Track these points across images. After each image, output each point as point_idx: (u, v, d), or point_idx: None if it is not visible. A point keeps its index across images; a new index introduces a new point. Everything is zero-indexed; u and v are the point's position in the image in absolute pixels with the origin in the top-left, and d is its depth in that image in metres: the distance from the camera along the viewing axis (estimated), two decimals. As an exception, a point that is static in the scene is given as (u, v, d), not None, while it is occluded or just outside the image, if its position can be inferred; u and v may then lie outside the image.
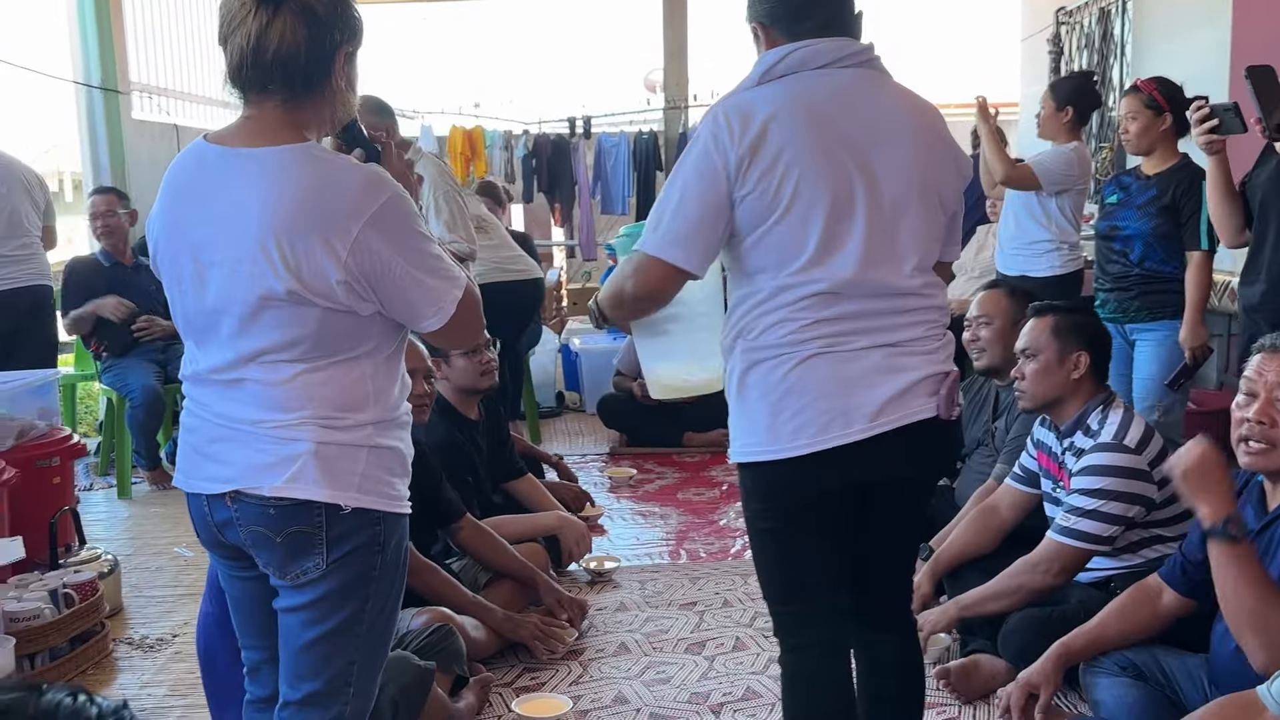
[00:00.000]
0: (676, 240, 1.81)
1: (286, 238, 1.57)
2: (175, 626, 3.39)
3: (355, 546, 1.67)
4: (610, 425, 5.70)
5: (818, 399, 1.82)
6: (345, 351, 1.65)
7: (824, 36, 1.87)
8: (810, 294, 1.82)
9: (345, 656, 1.71)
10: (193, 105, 8.02)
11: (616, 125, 9.61)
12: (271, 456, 1.64)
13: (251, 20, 1.59)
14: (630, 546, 4.08)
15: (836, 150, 1.82)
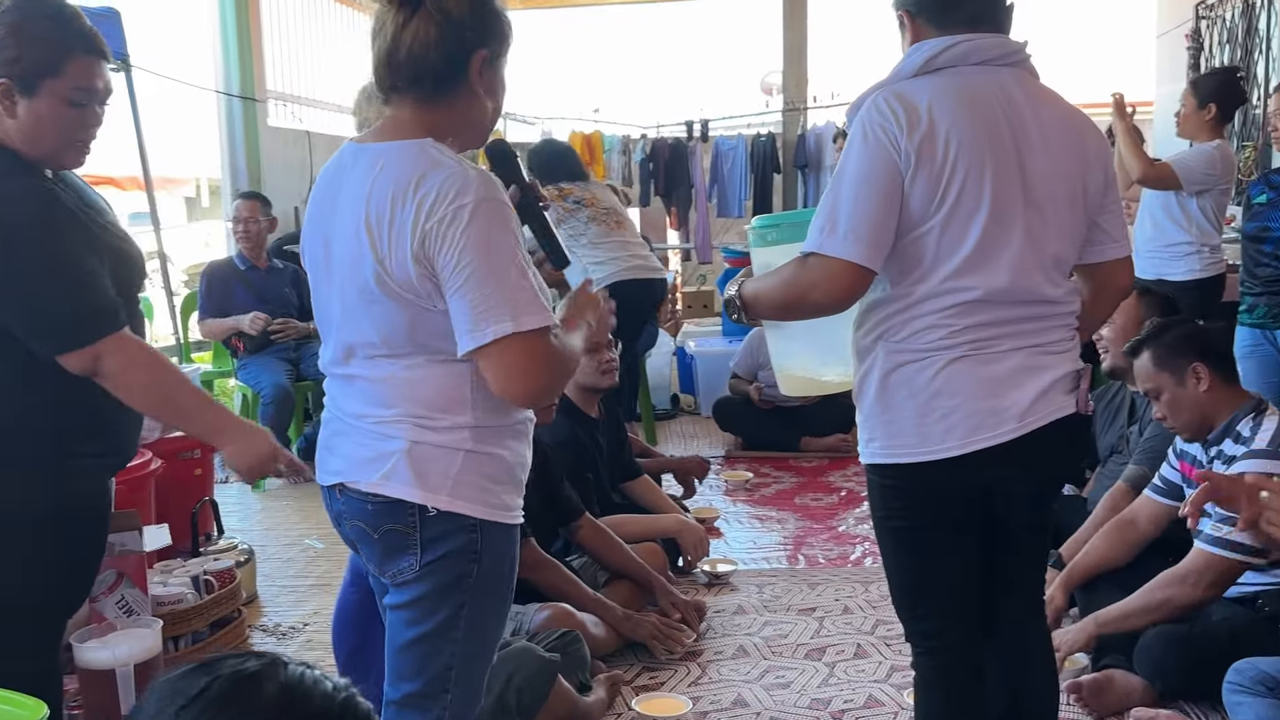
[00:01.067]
0: (862, 239, 1.74)
1: (377, 225, 1.56)
2: (306, 615, 3.51)
3: (449, 551, 1.64)
4: (726, 428, 5.69)
5: (967, 400, 1.80)
6: (441, 351, 1.60)
7: (974, 30, 1.83)
8: (962, 302, 1.80)
9: (442, 660, 1.69)
10: (323, 112, 8.29)
11: (734, 128, 9.60)
12: (370, 451, 1.65)
13: (390, 22, 1.61)
14: (747, 550, 4.06)
15: (1000, 152, 1.79)
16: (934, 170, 1.76)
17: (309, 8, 8.18)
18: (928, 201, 1.77)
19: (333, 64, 8.61)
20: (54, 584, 2.09)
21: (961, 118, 1.77)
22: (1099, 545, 2.98)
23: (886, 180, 1.75)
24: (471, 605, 1.68)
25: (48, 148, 1.98)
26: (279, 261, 5.58)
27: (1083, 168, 1.86)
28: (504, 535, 1.70)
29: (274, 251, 5.74)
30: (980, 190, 1.77)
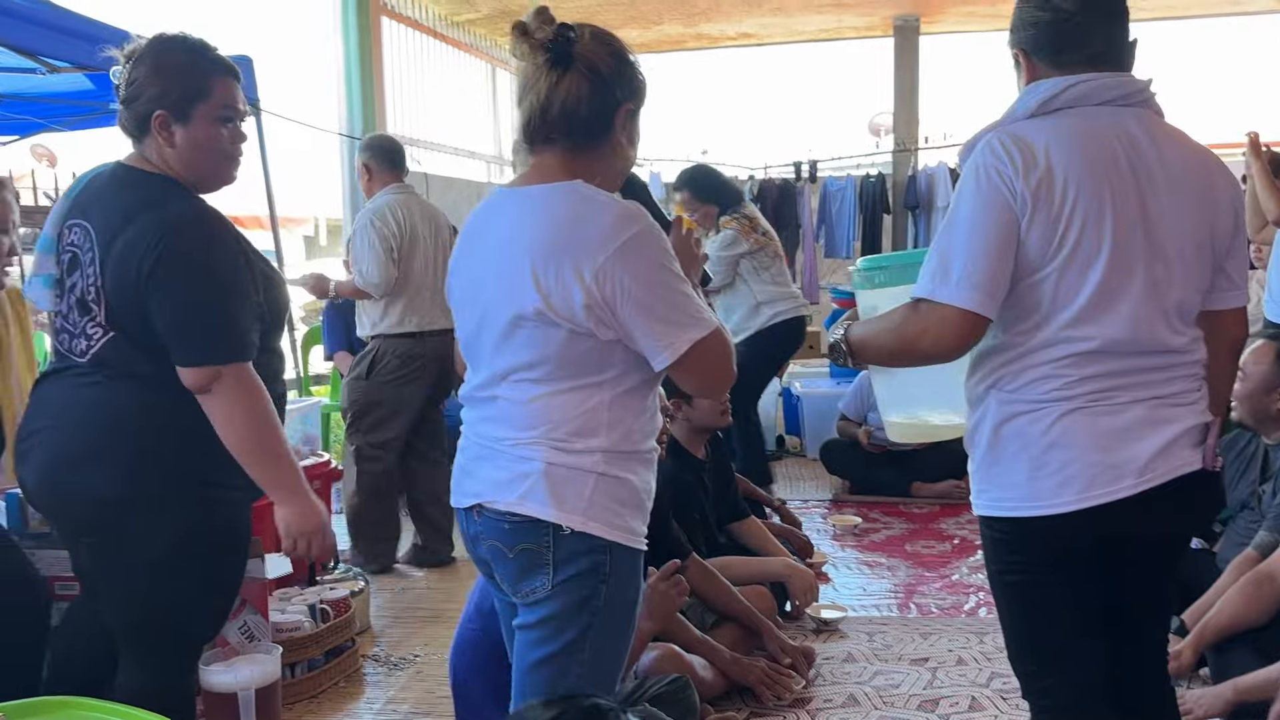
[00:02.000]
0: (976, 285, 1.70)
1: (541, 261, 1.66)
2: (417, 647, 3.57)
3: (580, 571, 1.70)
4: (833, 471, 5.62)
5: (1083, 454, 1.73)
6: (586, 376, 1.70)
7: (1093, 69, 1.78)
8: (1079, 352, 1.74)
9: (568, 681, 1.73)
10: (440, 155, 8.52)
11: (842, 169, 9.56)
12: (508, 473, 1.72)
13: (543, 80, 1.73)
14: (857, 597, 3.99)
15: (1121, 196, 1.72)
16: (1051, 214, 1.70)
17: (428, 53, 8.45)
18: (1045, 247, 1.71)
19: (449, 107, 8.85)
20: (201, 608, 2.19)
21: (1080, 160, 1.71)
22: (1233, 601, 2.82)
23: (1002, 225, 1.70)
24: (598, 627, 1.73)
25: (207, 168, 2.13)
26: (395, 298, 5.72)
27: (1211, 212, 1.79)
28: (631, 559, 1.75)
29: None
30: (1100, 235, 1.71)
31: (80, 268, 2.07)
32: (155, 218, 2.02)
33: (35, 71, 4.42)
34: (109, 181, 2.12)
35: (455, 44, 8.87)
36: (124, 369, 2.05)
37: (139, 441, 2.04)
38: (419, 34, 8.24)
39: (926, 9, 9.10)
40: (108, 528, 2.07)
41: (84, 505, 2.06)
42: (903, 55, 9.37)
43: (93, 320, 2.06)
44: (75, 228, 2.09)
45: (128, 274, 2.00)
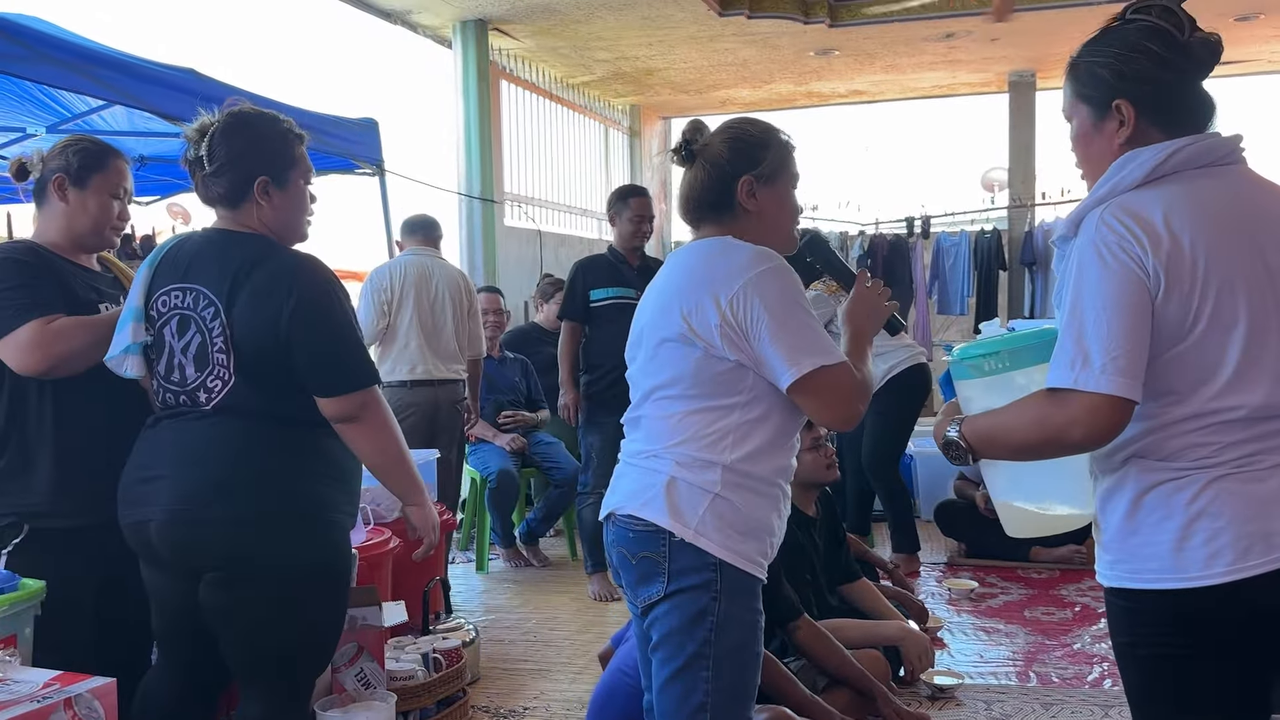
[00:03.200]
0: (1122, 370, 1.59)
1: (685, 290, 1.93)
2: (527, 700, 3.58)
3: (691, 585, 1.85)
4: (948, 534, 5.48)
5: (1234, 523, 1.61)
6: (718, 397, 1.89)
7: (1197, 131, 1.71)
8: (1225, 420, 1.63)
9: (696, 699, 1.85)
10: (554, 212, 8.70)
11: (955, 225, 9.44)
12: (638, 483, 1.93)
13: (686, 172, 2.09)
14: (973, 664, 3.87)
15: (1246, 259, 1.65)
16: (1185, 289, 1.62)
17: (543, 115, 8.68)
18: (1181, 322, 1.63)
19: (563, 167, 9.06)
20: (322, 634, 2.29)
21: (1204, 228, 1.63)
22: None
23: (1138, 304, 1.61)
24: (717, 645, 1.85)
25: (297, 225, 2.34)
26: (510, 353, 5.85)
27: None
28: (744, 581, 1.88)
29: (506, 344, 6.02)
30: (1235, 304, 1.63)
31: (196, 326, 2.20)
32: (279, 268, 2.19)
33: (178, 135, 4.68)
34: (207, 246, 2.27)
35: (570, 105, 9.10)
36: (244, 411, 2.18)
37: (265, 474, 2.16)
38: (535, 96, 8.48)
39: (1042, 65, 9.00)
40: (239, 557, 2.16)
41: (216, 537, 2.15)
42: (1018, 111, 9.27)
43: (213, 373, 2.19)
44: (176, 292, 2.23)
45: (264, 322, 2.15)
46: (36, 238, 2.56)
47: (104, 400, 2.44)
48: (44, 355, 2.33)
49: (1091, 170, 1.79)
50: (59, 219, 2.52)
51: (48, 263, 2.47)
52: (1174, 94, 1.71)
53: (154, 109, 3.98)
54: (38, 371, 2.35)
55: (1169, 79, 1.71)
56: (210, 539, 2.16)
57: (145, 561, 2.27)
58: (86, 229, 2.52)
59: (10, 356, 2.34)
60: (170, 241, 2.36)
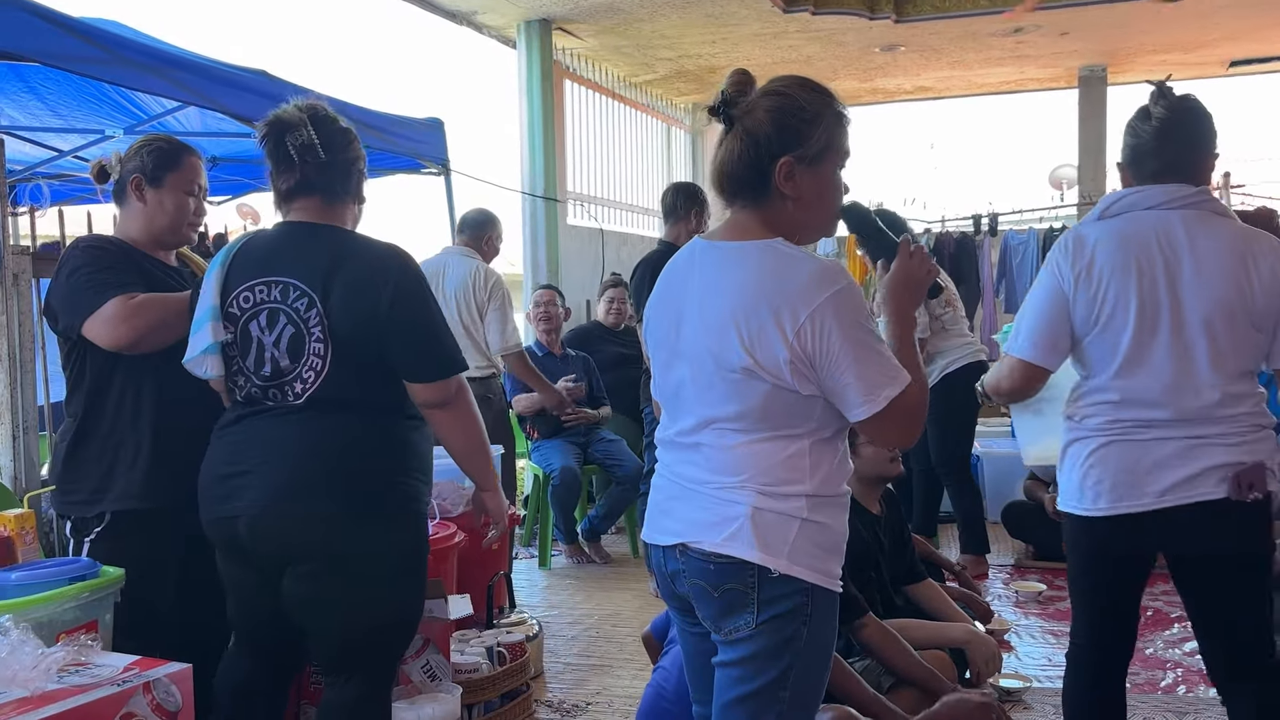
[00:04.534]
0: (1034, 344, 2.38)
1: (745, 317, 1.74)
2: (589, 695, 3.60)
3: (783, 611, 1.75)
4: (1016, 535, 5.40)
5: (1112, 475, 2.32)
6: (787, 428, 1.77)
7: (1159, 182, 2.34)
8: (1113, 400, 2.32)
9: (767, 715, 1.78)
10: (616, 211, 8.72)
11: (1023, 223, 9.29)
12: (714, 515, 1.79)
13: (722, 139, 1.86)
14: (1041, 667, 3.81)
15: (1148, 280, 2.28)
16: (1089, 295, 2.32)
17: (606, 113, 8.70)
18: (1087, 319, 2.34)
19: (626, 165, 9.07)
20: (408, 621, 2.37)
21: (1115, 253, 2.30)
22: None
23: (1053, 301, 2.36)
24: (799, 667, 1.78)
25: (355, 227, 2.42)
26: (572, 350, 5.88)
27: (1243, 289, 2.24)
28: (830, 602, 1.81)
29: (568, 341, 6.06)
30: (1127, 314, 2.29)
31: (288, 317, 2.22)
32: (376, 259, 2.25)
33: (249, 135, 4.77)
34: (287, 239, 2.29)
35: (633, 104, 9.11)
36: (334, 403, 2.22)
37: (353, 468, 2.21)
38: (598, 95, 8.51)
39: (1114, 59, 8.82)
40: (328, 553, 2.20)
41: (306, 533, 2.19)
42: (1088, 106, 9.09)
43: (308, 364, 2.22)
44: (260, 287, 2.25)
45: (362, 311, 2.20)
46: (118, 234, 2.63)
47: (185, 388, 2.50)
48: (130, 328, 2.40)
49: None
50: (138, 218, 2.59)
51: (128, 254, 2.54)
52: (1137, 156, 2.39)
53: (226, 110, 4.06)
54: (125, 344, 2.41)
55: (1133, 143, 2.40)
56: (301, 534, 2.20)
57: (227, 555, 2.31)
58: (164, 226, 2.59)
59: (98, 331, 2.41)
60: (238, 241, 2.38)
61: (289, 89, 4.21)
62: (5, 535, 2.35)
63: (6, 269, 3.09)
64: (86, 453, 2.49)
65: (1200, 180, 2.36)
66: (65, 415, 2.58)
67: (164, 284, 2.56)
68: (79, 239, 2.65)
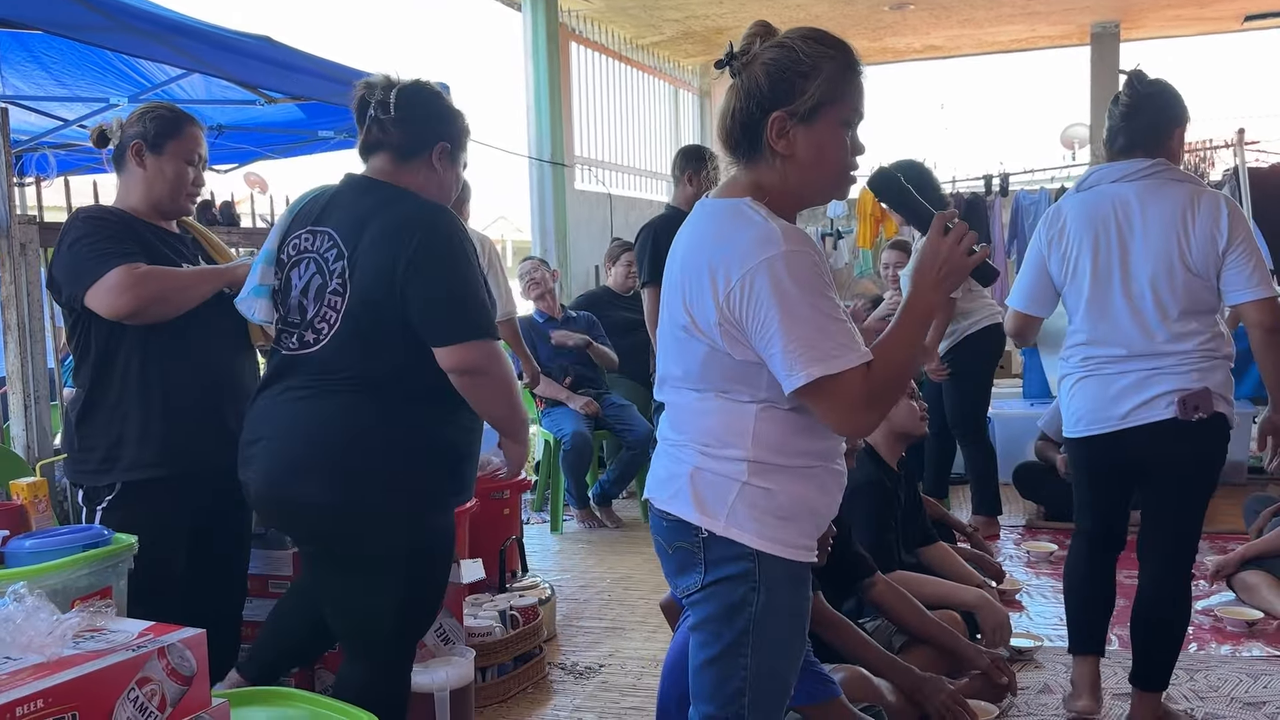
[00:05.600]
0: (1022, 294, 2.96)
1: (689, 276, 1.71)
2: (602, 657, 3.62)
3: (729, 575, 1.72)
4: (1027, 496, 5.39)
5: (1086, 404, 2.83)
6: (731, 392, 1.70)
7: (1124, 157, 2.80)
8: (1083, 341, 2.84)
9: (734, 684, 1.75)
10: (624, 175, 8.67)
11: (1035, 183, 9.21)
12: (666, 472, 1.80)
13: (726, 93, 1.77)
14: (1053, 626, 3.81)
15: (1104, 243, 2.78)
16: (1060, 255, 2.86)
17: (613, 76, 8.63)
18: (1059, 273, 2.88)
19: (633, 129, 9.01)
20: (412, 613, 2.31)
21: (1080, 218, 2.82)
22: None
23: (1035, 261, 2.93)
24: (757, 634, 1.73)
25: (446, 200, 2.35)
26: (574, 311, 5.88)
27: (1181, 244, 2.69)
28: (787, 569, 1.74)
29: (575, 305, 6.05)
30: (1085, 270, 2.81)
31: (318, 266, 2.22)
32: (404, 215, 2.18)
33: (254, 103, 4.75)
34: (345, 191, 2.30)
35: (639, 66, 9.03)
36: (340, 373, 2.17)
37: (354, 462, 2.15)
38: (605, 58, 8.44)
39: (1127, 14, 8.70)
40: (324, 538, 2.23)
41: (301, 514, 2.21)
42: (1100, 63, 8.98)
43: (321, 315, 2.20)
44: (307, 235, 2.26)
45: (381, 267, 2.14)
46: (118, 203, 2.63)
47: (191, 356, 2.51)
48: (133, 297, 2.39)
49: None
50: (138, 185, 2.58)
51: (129, 223, 2.53)
52: (1110, 134, 2.86)
53: (230, 76, 4.03)
54: (128, 313, 2.41)
55: (1109, 125, 2.85)
56: (294, 517, 2.24)
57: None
58: (164, 194, 2.58)
59: (101, 301, 2.41)
60: (314, 190, 2.39)
61: (292, 55, 4.18)
62: (19, 503, 2.36)
63: (14, 239, 3.09)
64: (95, 423, 2.50)
65: (1160, 153, 2.76)
66: (74, 386, 2.59)
67: (166, 252, 2.55)
68: (79, 209, 2.64)
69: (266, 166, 6.78)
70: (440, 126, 2.31)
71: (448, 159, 2.32)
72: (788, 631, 1.77)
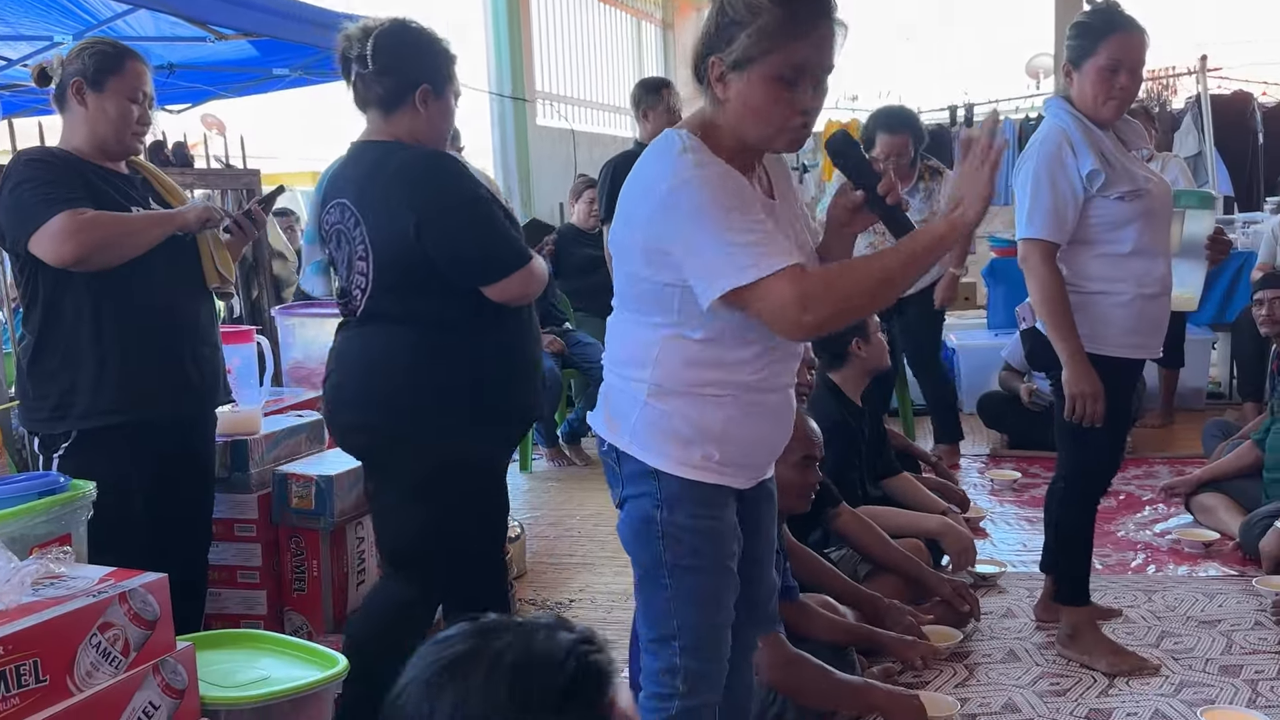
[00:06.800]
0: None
1: (623, 201, 1.78)
2: (572, 592, 3.65)
3: (637, 493, 1.79)
4: (991, 426, 5.45)
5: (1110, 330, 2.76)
6: (646, 314, 1.77)
7: None
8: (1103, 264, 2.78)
9: (660, 606, 1.80)
10: (587, 110, 8.56)
11: (1000, 113, 9.19)
12: (602, 390, 1.89)
13: None
14: (1015, 552, 3.88)
15: None
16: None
17: (574, 8, 8.48)
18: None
19: (596, 62, 8.88)
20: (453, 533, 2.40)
21: None
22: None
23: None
24: (670, 553, 1.78)
25: (440, 140, 2.39)
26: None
27: None
28: (685, 488, 1.76)
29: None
30: None
31: (345, 238, 2.33)
32: (398, 180, 2.24)
33: (204, 40, 4.63)
34: (349, 160, 2.38)
35: (600, -1, 8.88)
36: (386, 318, 2.30)
37: (392, 385, 2.30)
38: (565, -10, 8.28)
39: (1092, -60, 8.63)
40: (373, 457, 2.44)
41: (356, 437, 2.43)
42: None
43: (355, 282, 2.33)
44: (333, 209, 2.36)
45: (394, 236, 2.23)
46: (62, 144, 2.55)
47: (145, 301, 2.46)
48: (78, 244, 2.34)
49: None
50: (81, 125, 2.51)
51: (73, 166, 2.47)
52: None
53: (178, 11, 3.94)
54: (72, 260, 2.36)
55: None
56: (351, 439, 2.45)
57: None
58: (108, 133, 2.50)
59: (44, 247, 2.35)
60: (333, 163, 2.47)
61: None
62: (-28, 452, 2.33)
63: (-42, 182, 3.00)
64: (45, 370, 2.46)
65: None
66: (24, 332, 2.53)
67: (112, 195, 2.48)
68: (21, 152, 2.56)
69: (223, 106, 6.64)
70: (418, 68, 2.31)
71: (433, 98, 2.33)
72: (699, 548, 1.78)
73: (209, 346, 2.67)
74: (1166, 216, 2.87)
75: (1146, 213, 2.73)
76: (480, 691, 0.94)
